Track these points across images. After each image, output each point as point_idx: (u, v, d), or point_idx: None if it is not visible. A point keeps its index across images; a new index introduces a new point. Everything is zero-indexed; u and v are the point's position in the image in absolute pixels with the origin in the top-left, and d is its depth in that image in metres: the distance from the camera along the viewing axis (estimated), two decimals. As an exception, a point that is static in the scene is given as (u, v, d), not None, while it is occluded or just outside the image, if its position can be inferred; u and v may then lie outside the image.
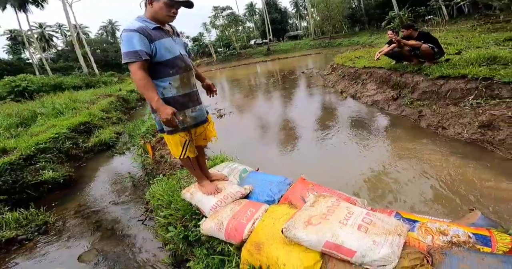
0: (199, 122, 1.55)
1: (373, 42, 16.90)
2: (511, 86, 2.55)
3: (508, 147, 2.39)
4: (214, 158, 2.76)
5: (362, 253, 1.03)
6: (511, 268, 0.89)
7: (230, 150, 3.26)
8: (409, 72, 4.01)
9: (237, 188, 1.75)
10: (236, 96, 8.41)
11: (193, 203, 1.79)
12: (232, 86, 11.08)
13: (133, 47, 1.22)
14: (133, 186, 3.14)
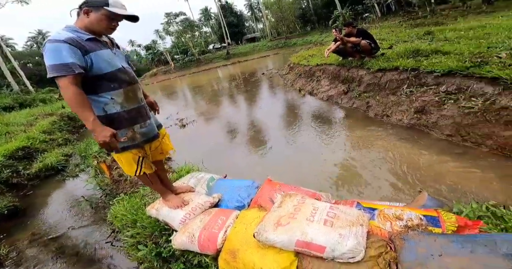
0: (151, 137, 1.47)
1: (323, 40, 18.17)
2: (433, 74, 2.94)
3: (440, 128, 2.75)
4: (179, 170, 2.66)
5: (331, 247, 1.06)
6: (460, 246, 0.97)
7: (196, 159, 3.17)
8: (354, 67, 4.37)
9: (205, 198, 1.72)
10: (199, 103, 8.21)
11: (160, 219, 1.72)
12: (194, 93, 10.81)
13: (63, 59, 1.10)
14: (93, 209, 2.91)
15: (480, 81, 2.47)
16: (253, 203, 1.62)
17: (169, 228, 1.69)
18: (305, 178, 2.54)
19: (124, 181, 3.01)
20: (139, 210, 1.99)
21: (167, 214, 1.65)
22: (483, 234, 1.07)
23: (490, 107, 2.30)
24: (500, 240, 0.94)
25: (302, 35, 31.37)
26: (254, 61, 19.44)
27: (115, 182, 3.11)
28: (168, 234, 1.67)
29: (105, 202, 2.96)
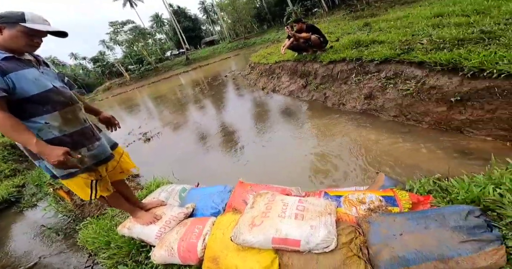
0: (104, 159, 1.38)
1: (280, 37, 18.80)
2: (374, 63, 3.25)
3: (387, 111, 3.06)
4: (148, 186, 2.57)
5: (305, 240, 1.09)
6: (415, 224, 1.04)
7: (166, 172, 3.05)
8: (309, 61, 4.60)
9: (178, 209, 1.70)
10: (162, 114, 7.85)
11: (134, 236, 1.68)
12: (156, 104, 10.33)
13: None
14: (59, 236, 2.73)
15: (410, 65, 2.80)
16: (227, 207, 1.64)
17: (147, 244, 1.65)
18: (278, 174, 2.60)
19: (89, 204, 2.87)
20: (110, 231, 1.93)
21: (140, 231, 1.61)
22: (433, 209, 1.12)
23: (422, 88, 2.62)
24: (447, 213, 1.03)
25: (260, 34, 32.04)
26: (215, 64, 19.27)
27: (78, 207, 2.96)
28: (146, 250, 1.64)
29: (72, 228, 2.79)
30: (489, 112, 2.13)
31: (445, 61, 2.41)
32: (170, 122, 6.36)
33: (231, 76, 10.42)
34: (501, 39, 2.43)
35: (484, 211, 1.05)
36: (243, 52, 22.18)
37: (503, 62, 2.01)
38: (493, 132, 2.13)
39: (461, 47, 2.55)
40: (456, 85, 2.33)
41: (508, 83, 1.95)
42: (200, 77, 14.25)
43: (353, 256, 1.04)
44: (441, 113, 2.50)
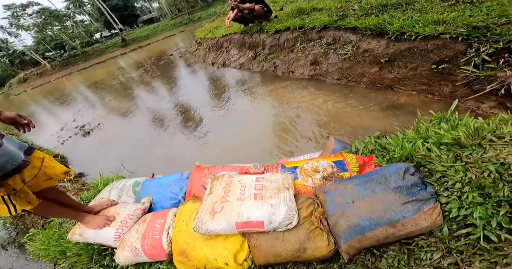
0: (13, 169, 1.14)
1: (227, 10, 17.80)
2: (315, 30, 3.25)
3: (331, 74, 3.19)
4: (95, 185, 2.28)
5: (268, 220, 1.04)
6: (364, 188, 1.02)
7: (115, 166, 2.72)
8: (256, 32, 4.41)
9: (134, 206, 1.57)
10: (103, 102, 6.73)
11: (90, 242, 1.54)
12: (92, 92, 8.92)
13: None
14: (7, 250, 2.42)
15: (346, 31, 2.86)
16: (187, 195, 1.53)
17: (108, 247, 1.54)
18: (237, 149, 2.54)
19: (29, 214, 2.51)
20: (61, 239, 1.80)
21: (95, 235, 1.48)
22: (377, 170, 1.10)
23: (357, 51, 2.74)
24: (388, 174, 1.01)
25: (205, 7, 29.55)
26: (158, 43, 17.22)
27: (17, 218, 2.63)
28: (110, 253, 1.54)
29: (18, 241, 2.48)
30: (411, 70, 2.36)
31: (373, 26, 2.52)
32: (114, 110, 5.53)
33: (177, 54, 9.43)
34: (416, 4, 2.71)
35: (417, 167, 1.06)
36: (189, 28, 20.31)
37: (419, 25, 2.21)
38: (417, 87, 2.41)
39: (385, 13, 2.69)
40: (383, 47, 2.56)
41: (424, 44, 2.16)
42: (143, 58, 12.65)
43: (315, 229, 1.03)
44: (374, 73, 2.79)
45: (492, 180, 0.89)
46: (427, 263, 0.90)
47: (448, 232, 0.90)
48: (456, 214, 0.90)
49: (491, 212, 0.85)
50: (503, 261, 0.80)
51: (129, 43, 26.66)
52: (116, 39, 29.79)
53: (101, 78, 10.98)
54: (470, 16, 2.08)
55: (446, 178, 0.99)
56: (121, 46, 26.63)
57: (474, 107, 2.00)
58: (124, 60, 15.03)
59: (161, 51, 12.57)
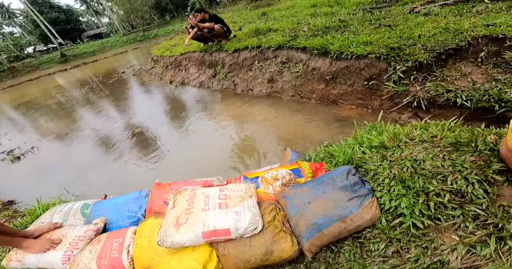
0: None
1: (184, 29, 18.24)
2: (271, 49, 3.65)
3: (286, 91, 3.53)
4: (31, 211, 2.05)
5: (234, 227, 1.10)
6: (317, 190, 1.17)
7: (55, 191, 2.48)
8: (215, 51, 4.65)
9: (84, 227, 1.50)
10: (37, 124, 5.89)
11: (32, 267, 1.40)
12: (21, 113, 7.90)
13: None
14: None
15: (297, 50, 3.28)
16: (147, 213, 1.51)
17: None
18: (198, 167, 2.56)
19: None
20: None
21: (38, 260, 1.37)
22: (326, 174, 1.25)
23: (307, 69, 3.16)
24: (335, 176, 1.19)
25: (162, 25, 29.68)
26: (108, 60, 16.35)
27: None
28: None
29: None
30: (350, 86, 2.82)
31: (319, 46, 2.97)
32: (52, 133, 4.88)
33: (130, 71, 9.08)
34: (351, 27, 3.29)
35: (357, 168, 1.24)
36: (144, 45, 19.93)
37: (353, 46, 2.68)
38: (355, 101, 2.86)
39: (328, 34, 3.22)
40: (328, 65, 3.04)
41: (357, 62, 2.62)
42: (88, 75, 11.80)
43: (279, 232, 1.12)
44: (322, 89, 3.24)
45: (410, 174, 1.10)
46: (376, 254, 1.03)
47: (386, 223, 1.05)
48: (389, 205, 1.07)
49: (413, 201, 1.02)
50: (432, 245, 0.94)
51: (71, 59, 24.82)
52: (54, 54, 27.42)
53: (34, 97, 9.81)
54: (389, 37, 2.65)
55: (377, 175, 1.19)
56: (59, 62, 24.53)
57: (396, 117, 2.48)
58: (64, 77, 13.79)
59: (111, 68, 11.99)
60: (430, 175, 1.07)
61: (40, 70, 22.07)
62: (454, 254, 0.90)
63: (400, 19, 3.10)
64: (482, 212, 0.94)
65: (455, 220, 0.97)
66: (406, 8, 3.46)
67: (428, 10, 3.13)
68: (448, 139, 1.22)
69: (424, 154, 1.16)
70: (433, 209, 0.99)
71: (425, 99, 2.19)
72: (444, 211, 0.99)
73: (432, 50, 2.22)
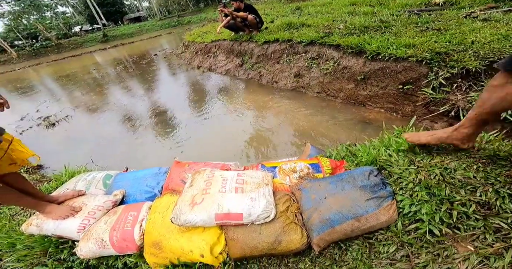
0: None
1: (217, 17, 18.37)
2: (302, 44, 3.56)
3: (312, 88, 3.46)
4: (58, 177, 2.18)
5: (247, 212, 1.10)
6: (335, 186, 1.16)
7: (82, 159, 2.62)
8: (245, 40, 4.66)
9: (104, 198, 1.53)
10: (72, 95, 6.48)
11: (48, 234, 1.45)
12: (62, 84, 8.44)
13: None
14: None
15: (330, 48, 3.17)
16: (164, 189, 1.54)
17: (67, 240, 1.47)
18: (215, 153, 2.59)
19: None
20: (11, 232, 1.69)
21: (55, 227, 1.41)
22: (347, 172, 1.24)
23: (337, 67, 3.04)
24: (356, 175, 1.18)
25: (195, 12, 30.23)
26: (143, 42, 16.91)
27: None
28: (69, 246, 1.47)
29: None
30: (382, 89, 2.67)
31: (355, 45, 2.84)
32: (85, 104, 5.27)
33: (162, 54, 9.38)
34: (393, 28, 3.05)
35: (379, 170, 1.23)
36: (177, 30, 20.46)
37: (392, 47, 2.53)
38: (385, 105, 2.71)
39: (366, 33, 3.07)
40: (361, 66, 2.88)
41: (394, 65, 2.46)
42: (123, 55, 12.38)
43: (290, 223, 1.11)
44: (350, 89, 3.11)
45: (437, 181, 1.07)
46: (384, 256, 1.02)
47: (402, 227, 1.04)
48: (408, 210, 1.05)
49: (435, 208, 1.01)
50: (444, 253, 0.93)
51: (111, 39, 26.17)
52: (97, 34, 29.16)
53: (73, 72, 10.55)
54: (435, 42, 2.44)
55: (401, 179, 1.16)
56: (101, 41, 26.05)
57: (429, 126, 2.31)
58: (103, 56, 14.63)
59: (144, 50, 12.48)
60: (459, 185, 1.04)
61: (83, 48, 23.59)
62: (465, 264, 0.88)
63: (453, 24, 2.83)
64: (506, 226, 0.90)
65: (475, 231, 0.94)
66: (461, 13, 3.16)
67: (488, 15, 2.83)
68: (486, 151, 1.14)
69: (456, 163, 1.12)
70: (455, 218, 0.96)
71: (465, 109, 2.00)
72: (466, 221, 0.96)
73: (484, 58, 2.00)
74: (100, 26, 31.21)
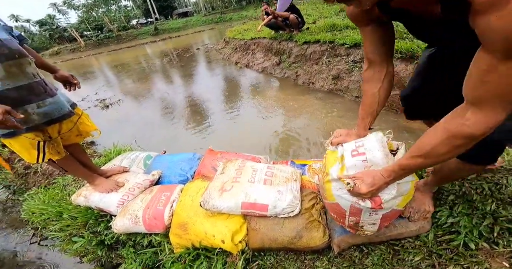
0: (57, 117, 1.28)
1: (259, 15, 18.19)
2: (344, 46, 3.35)
3: (350, 91, 3.26)
4: (107, 153, 2.35)
5: (273, 204, 1.09)
6: None
7: (127, 140, 2.81)
8: (285, 40, 4.56)
9: (143, 176, 1.60)
10: (124, 82, 7.08)
11: (92, 206, 1.54)
12: (117, 72, 9.24)
13: None
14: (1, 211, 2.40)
15: None
16: (196, 174, 1.58)
17: (106, 214, 1.55)
18: (245, 147, 2.58)
19: (34, 173, 2.55)
20: (61, 201, 1.78)
21: (99, 199, 1.49)
22: None
23: None
24: None
25: (237, 9, 30.41)
26: (188, 37, 17.72)
27: (20, 176, 2.61)
28: (106, 220, 1.54)
29: (13, 200, 2.48)
30: None
31: (405, 49, 2.58)
32: (133, 91, 5.77)
33: (203, 49, 9.71)
34: None
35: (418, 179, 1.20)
36: (218, 26, 20.86)
37: None
38: None
39: None
40: (409, 72, 2.60)
41: None
42: (169, 48, 13.07)
43: (314, 220, 1.09)
44: (393, 96, 2.79)
45: (483, 196, 1.00)
46: (407, 264, 0.96)
47: (433, 237, 0.98)
48: (445, 221, 0.99)
49: (476, 222, 0.94)
50: (475, 267, 0.87)
51: (160, 32, 27.57)
52: (150, 27, 31.01)
53: (127, 61, 11.40)
54: None
55: (442, 190, 1.08)
56: (152, 34, 27.62)
57: None
58: (152, 48, 15.56)
59: (188, 44, 12.96)
60: (508, 201, 0.98)
61: (137, 39, 25.27)
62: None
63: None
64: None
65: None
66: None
67: None
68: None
69: (510, 180, 1.04)
70: (496, 233, 0.91)
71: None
72: (508, 237, 0.90)
73: None
74: (153, 20, 33.02)
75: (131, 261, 1.40)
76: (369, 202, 0.77)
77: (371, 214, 0.86)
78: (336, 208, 0.93)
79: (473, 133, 0.49)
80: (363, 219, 0.89)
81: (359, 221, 0.90)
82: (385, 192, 0.76)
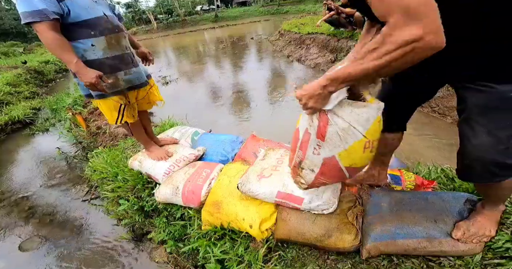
0: (137, 85, 1.44)
1: (317, 10, 17.01)
2: None
3: None
4: (162, 125, 2.54)
5: (309, 199, 1.06)
6: (414, 203, 1.02)
7: (179, 115, 3.02)
8: (344, 37, 4.22)
9: (190, 150, 1.66)
10: (182, 63, 7.58)
11: (143, 171, 1.64)
12: (178, 53, 9.89)
13: (35, 6, 1.05)
14: (67, 166, 2.68)
15: None
16: (237, 157, 1.60)
17: (152, 181, 1.61)
18: (287, 140, 2.56)
19: (103, 134, 2.82)
20: (120, 163, 1.87)
21: (150, 166, 1.55)
22: (434, 192, 1.13)
23: None
24: (447, 198, 1.01)
25: (296, 2, 28.95)
26: (244, 26, 17.82)
27: (92, 135, 2.91)
28: (151, 187, 1.59)
29: (81, 157, 2.75)
30: None
31: None
32: (189, 72, 6.18)
33: (257, 39, 9.68)
34: None
35: (480, 200, 1.03)
36: (274, 18, 20.31)
37: None
38: None
39: None
40: None
41: None
42: (226, 36, 13.37)
43: (347, 222, 1.03)
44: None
45: None
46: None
47: (480, 260, 0.87)
48: (500, 245, 0.87)
49: None
50: None
51: (220, 20, 28.15)
52: (211, 14, 31.89)
53: (187, 44, 12.10)
54: None
55: (506, 215, 0.96)
56: (212, 21, 28.39)
57: None
58: (210, 34, 16.10)
59: (244, 33, 13.02)
60: None
61: (199, 25, 26.37)
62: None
63: None
64: None
65: None
66: None
67: None
68: None
69: None
70: None
71: None
72: None
73: None
74: (214, 7, 33.72)
75: (160, 231, 1.45)
76: (316, 120, 0.78)
77: (315, 150, 0.84)
78: (295, 136, 0.94)
79: (396, 39, 0.48)
80: (307, 155, 0.88)
81: (303, 159, 0.90)
82: (331, 102, 0.71)
